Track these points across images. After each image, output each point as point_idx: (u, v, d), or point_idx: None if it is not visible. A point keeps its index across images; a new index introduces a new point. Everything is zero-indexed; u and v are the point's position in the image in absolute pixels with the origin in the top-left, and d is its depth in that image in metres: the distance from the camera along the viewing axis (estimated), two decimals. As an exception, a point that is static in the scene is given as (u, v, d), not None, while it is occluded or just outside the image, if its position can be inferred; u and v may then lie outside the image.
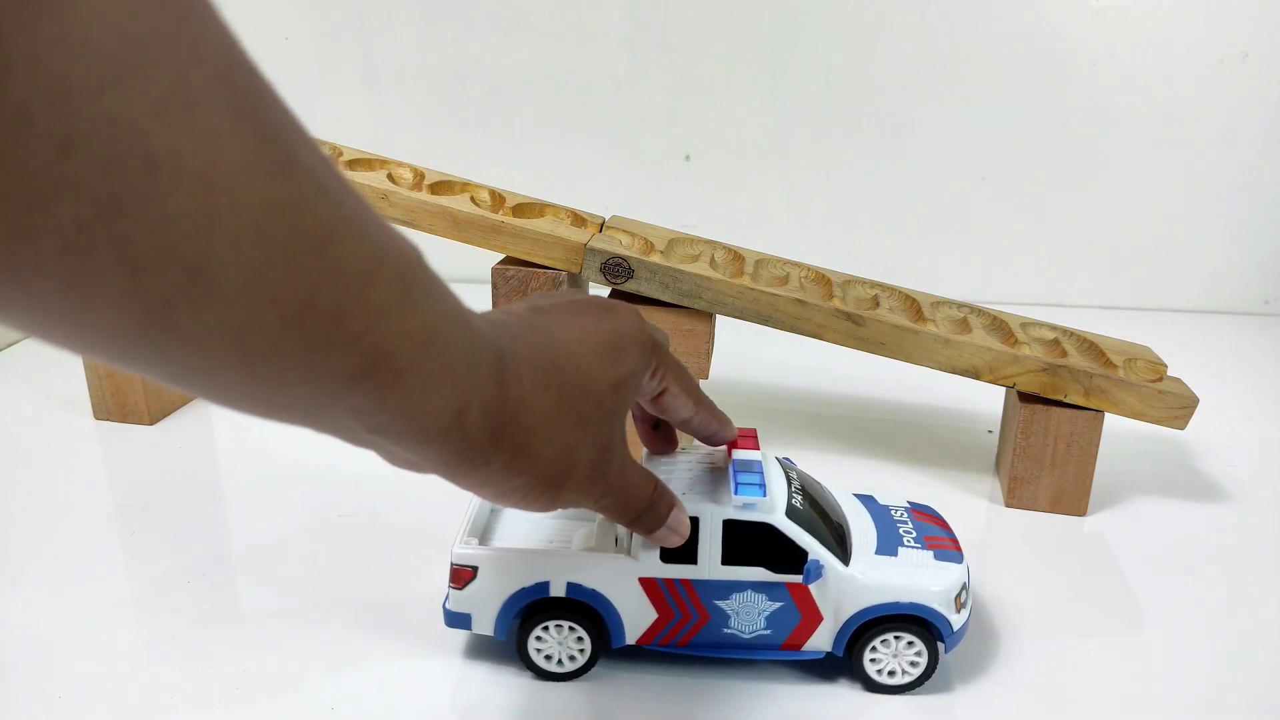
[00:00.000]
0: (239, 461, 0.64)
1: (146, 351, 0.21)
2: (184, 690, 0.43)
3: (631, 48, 0.95)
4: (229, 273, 0.20)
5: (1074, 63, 0.92)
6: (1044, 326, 0.62)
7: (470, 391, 0.28)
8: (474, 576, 0.43)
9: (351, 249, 0.23)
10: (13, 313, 0.19)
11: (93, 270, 0.19)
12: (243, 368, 0.22)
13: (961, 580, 0.43)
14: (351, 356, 0.24)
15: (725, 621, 0.42)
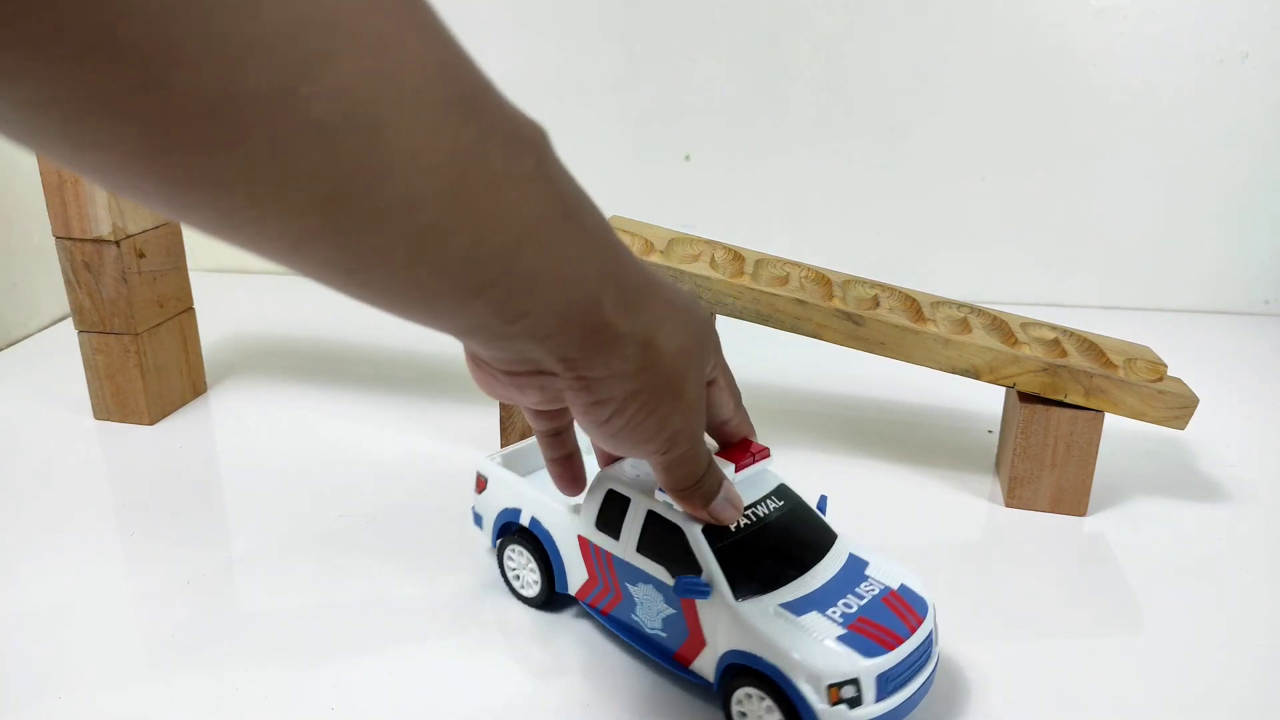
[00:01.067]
0: (239, 461, 0.64)
1: (324, 235, 0.21)
2: (184, 690, 0.43)
3: (631, 48, 0.95)
4: (401, 138, 0.21)
5: (1074, 63, 0.92)
6: (1044, 326, 0.62)
7: (609, 264, 0.29)
8: (485, 487, 0.50)
9: (493, 119, 0.24)
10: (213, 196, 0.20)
11: (284, 138, 0.19)
12: (412, 246, 0.23)
13: (854, 675, 0.36)
14: (508, 223, 0.25)
15: (633, 607, 0.44)
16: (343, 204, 0.21)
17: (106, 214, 0.63)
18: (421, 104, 0.21)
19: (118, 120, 0.17)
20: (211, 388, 0.75)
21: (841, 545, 0.44)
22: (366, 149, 0.20)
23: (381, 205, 0.21)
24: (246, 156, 0.19)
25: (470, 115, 0.23)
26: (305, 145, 0.19)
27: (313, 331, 0.89)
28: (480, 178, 0.23)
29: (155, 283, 0.67)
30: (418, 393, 0.75)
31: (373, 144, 0.20)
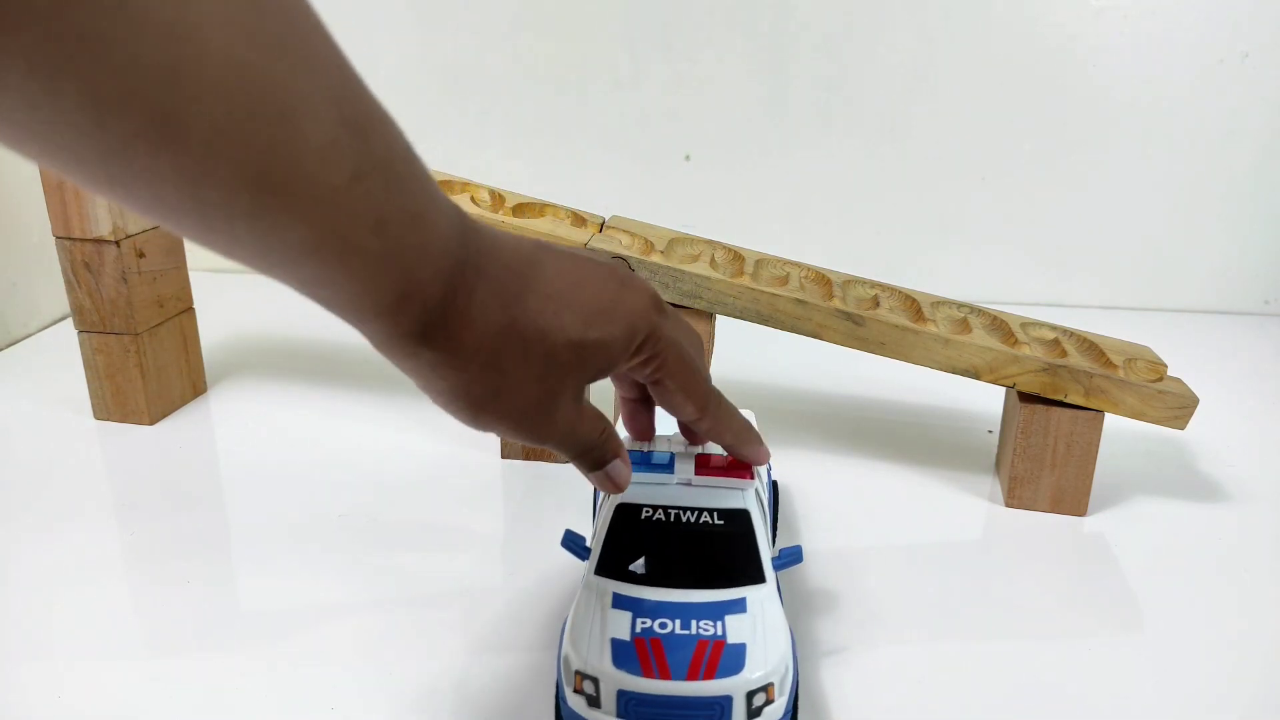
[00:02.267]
0: (239, 461, 0.64)
1: (109, 182, 0.22)
2: (184, 690, 0.43)
3: (631, 48, 0.95)
4: (191, 124, 0.21)
5: (1074, 63, 0.92)
6: (1044, 326, 0.62)
7: (412, 285, 0.28)
8: None
9: (313, 124, 0.23)
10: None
11: (57, 99, 0.19)
12: (197, 217, 0.23)
13: (595, 674, 0.36)
14: (298, 231, 0.24)
15: None
16: (123, 159, 0.21)
17: (106, 214, 0.63)
18: (222, 95, 0.21)
19: None
20: (211, 388, 0.75)
21: (761, 593, 0.40)
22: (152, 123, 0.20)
23: (163, 172, 0.22)
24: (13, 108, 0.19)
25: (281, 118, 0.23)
26: (80, 109, 0.20)
27: (313, 331, 0.89)
28: (276, 180, 0.23)
29: (155, 283, 0.67)
30: (417, 393, 0.75)
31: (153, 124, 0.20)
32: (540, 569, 0.52)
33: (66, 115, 0.19)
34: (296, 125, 0.23)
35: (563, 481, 0.62)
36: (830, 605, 0.50)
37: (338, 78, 0.24)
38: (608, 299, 0.34)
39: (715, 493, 0.42)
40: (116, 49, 0.19)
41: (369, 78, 0.27)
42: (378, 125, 0.26)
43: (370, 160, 0.25)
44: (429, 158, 0.29)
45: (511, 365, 0.32)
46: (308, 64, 0.23)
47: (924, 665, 0.45)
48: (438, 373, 0.32)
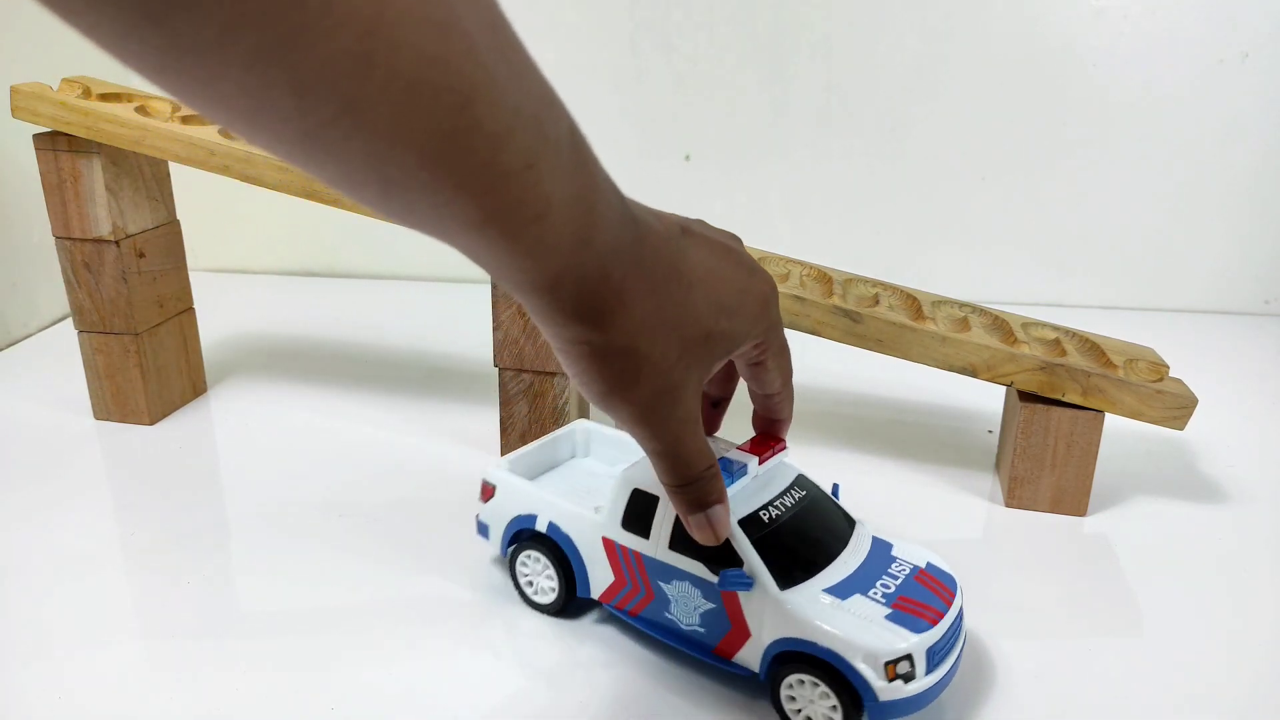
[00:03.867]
0: (239, 461, 0.64)
1: (305, 158, 0.24)
2: (184, 690, 0.43)
3: (631, 48, 0.95)
4: (379, 111, 0.22)
5: (1074, 63, 0.92)
6: (1045, 327, 0.62)
7: (571, 267, 0.30)
8: (493, 495, 0.49)
9: (490, 112, 0.25)
10: (204, 102, 0.22)
11: (266, 88, 0.21)
12: (380, 190, 0.25)
13: (907, 651, 0.38)
14: (471, 209, 0.26)
15: (667, 605, 0.43)
16: (318, 140, 0.23)
17: (106, 214, 0.63)
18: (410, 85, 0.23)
19: None
20: (211, 388, 0.75)
21: (862, 530, 0.45)
22: (346, 110, 0.22)
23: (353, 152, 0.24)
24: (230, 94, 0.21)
25: (462, 107, 0.24)
26: (285, 95, 0.22)
27: (313, 331, 0.89)
28: (453, 163, 0.25)
29: (155, 283, 0.67)
30: (418, 393, 0.75)
31: (346, 110, 0.22)
32: (540, 569, 0.53)
33: (274, 101, 0.22)
34: (475, 114, 0.24)
35: (562, 481, 0.62)
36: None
37: (519, 69, 0.26)
38: (739, 289, 0.36)
39: (776, 472, 0.45)
40: (320, 43, 0.21)
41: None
42: (552, 114, 0.28)
43: (542, 148, 0.27)
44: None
45: (651, 350, 0.33)
46: (491, 56, 0.25)
47: (924, 665, 0.45)
48: (583, 349, 0.33)
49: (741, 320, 0.37)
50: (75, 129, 0.61)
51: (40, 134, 0.62)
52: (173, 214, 0.69)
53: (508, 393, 0.63)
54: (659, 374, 0.34)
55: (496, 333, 0.61)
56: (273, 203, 0.74)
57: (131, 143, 0.61)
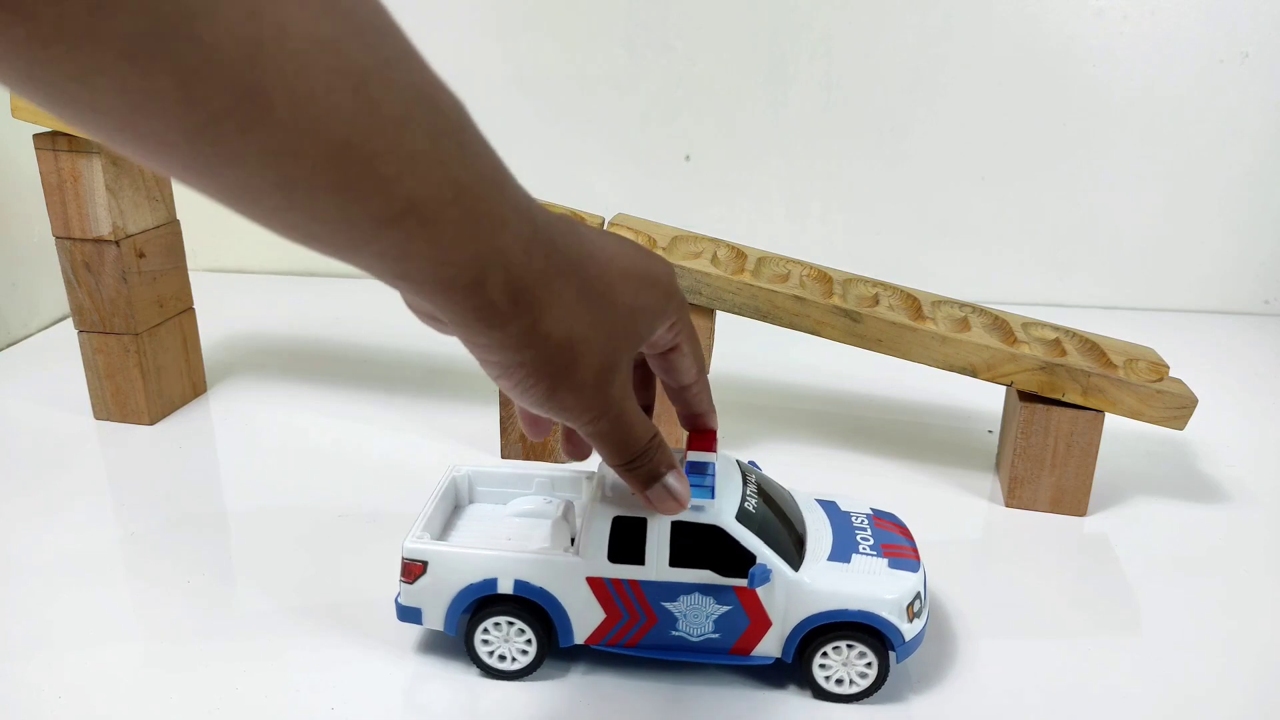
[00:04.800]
0: (239, 461, 0.64)
1: (196, 164, 0.22)
2: (184, 690, 0.43)
3: (631, 48, 0.95)
4: (273, 99, 0.21)
5: (1074, 63, 0.92)
6: (1046, 327, 0.62)
7: (496, 252, 0.29)
8: (424, 571, 0.43)
9: (387, 93, 0.24)
10: (78, 111, 0.21)
11: (149, 78, 0.20)
12: (281, 195, 0.24)
13: (915, 589, 0.42)
14: (381, 200, 0.25)
15: (673, 624, 0.42)
16: (211, 144, 0.22)
17: (106, 214, 0.63)
18: (301, 72, 0.22)
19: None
20: (211, 388, 0.75)
21: (800, 495, 0.48)
22: (231, 104, 0.21)
23: (249, 153, 0.22)
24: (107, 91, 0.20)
25: (356, 89, 0.23)
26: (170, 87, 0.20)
27: (313, 331, 0.89)
28: (358, 150, 0.24)
29: (155, 283, 0.67)
30: (417, 393, 0.75)
31: (239, 100, 0.21)
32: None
33: (157, 97, 0.20)
34: (371, 96, 0.23)
35: (562, 481, 0.62)
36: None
37: (404, 50, 0.25)
38: (644, 268, 0.36)
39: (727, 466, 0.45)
40: (203, 27, 0.20)
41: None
42: (442, 95, 0.27)
43: (443, 127, 0.26)
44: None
45: (586, 332, 0.33)
46: (376, 36, 0.24)
47: (924, 664, 0.45)
48: (522, 342, 0.31)
49: (656, 296, 0.36)
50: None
51: (40, 134, 0.62)
52: (173, 214, 0.69)
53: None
54: (595, 354, 0.33)
55: (496, 333, 0.61)
56: (273, 203, 0.73)
57: (131, 143, 0.61)
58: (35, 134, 0.62)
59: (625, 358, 0.35)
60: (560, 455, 0.63)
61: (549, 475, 0.50)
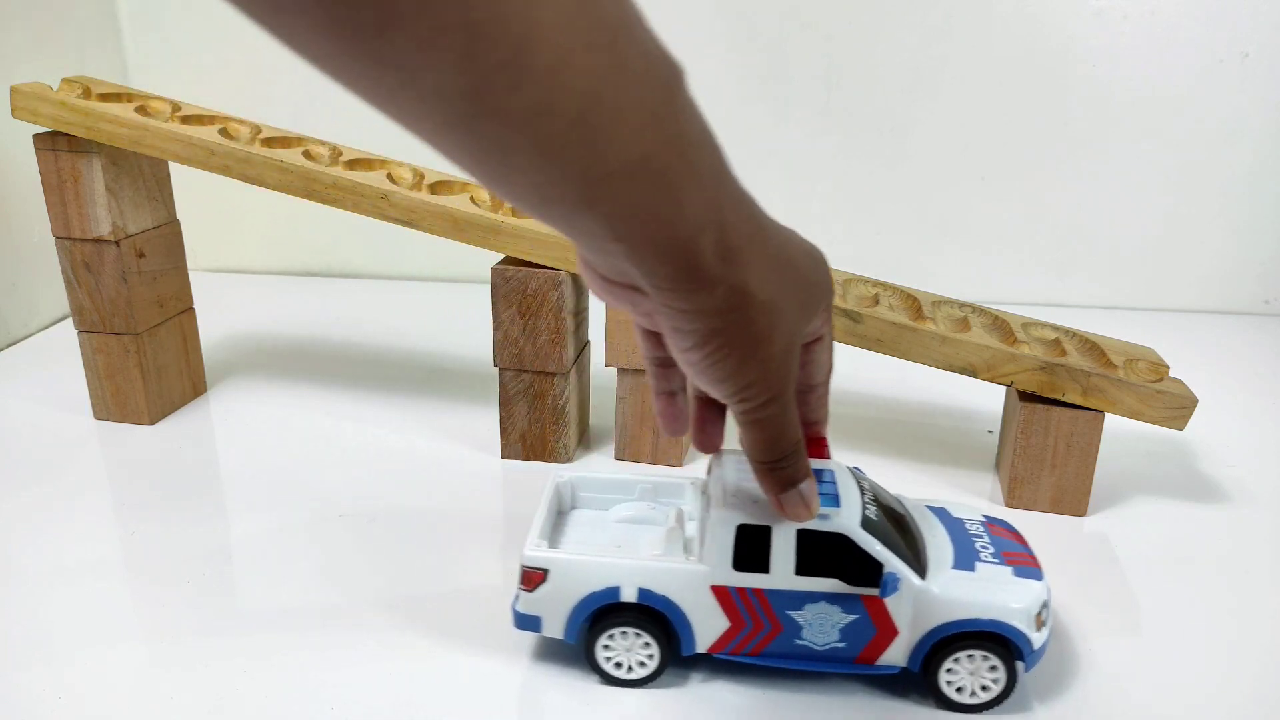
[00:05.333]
0: (239, 461, 0.64)
1: (461, 124, 0.24)
2: (184, 690, 0.43)
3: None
4: (541, 53, 0.23)
5: (1074, 63, 0.92)
6: (1046, 327, 0.62)
7: (714, 208, 0.29)
8: (544, 579, 0.43)
9: (632, 49, 0.25)
10: (368, 69, 0.23)
11: (439, 32, 0.22)
12: (531, 153, 0.25)
13: (1043, 598, 0.42)
14: (619, 155, 0.26)
15: (798, 633, 0.42)
16: (480, 100, 0.23)
17: (106, 214, 0.63)
18: (565, 26, 0.23)
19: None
20: (211, 388, 0.75)
21: (912, 503, 0.47)
22: (509, 57, 0.22)
23: (513, 109, 0.23)
24: (404, 40, 0.22)
25: (609, 46, 0.24)
26: (455, 41, 0.22)
27: (313, 331, 0.89)
28: (607, 104, 0.25)
29: (155, 283, 0.67)
30: (417, 393, 0.75)
31: (515, 53, 0.22)
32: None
33: (443, 52, 0.22)
34: (620, 51, 0.25)
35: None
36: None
37: (637, 8, 0.26)
38: (809, 244, 0.36)
39: (839, 473, 0.44)
40: None
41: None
42: (667, 53, 0.28)
43: (674, 83, 0.27)
44: (429, 158, 0.29)
45: (781, 300, 0.33)
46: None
47: (924, 665, 0.45)
48: (728, 305, 0.31)
49: (823, 274, 0.36)
50: (75, 129, 0.61)
51: (40, 134, 0.62)
52: (173, 214, 0.69)
53: (508, 393, 0.63)
54: (786, 325, 0.33)
55: (496, 333, 0.61)
56: (273, 203, 0.73)
57: (131, 142, 0.61)
58: (35, 134, 0.62)
59: (800, 336, 0.35)
60: (561, 457, 0.63)
61: (652, 482, 0.49)
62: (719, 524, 0.41)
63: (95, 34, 0.96)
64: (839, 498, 0.41)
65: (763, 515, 0.40)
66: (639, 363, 0.61)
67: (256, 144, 0.62)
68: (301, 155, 0.62)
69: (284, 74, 0.99)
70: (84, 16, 0.94)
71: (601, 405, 0.70)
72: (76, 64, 0.93)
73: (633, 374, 0.62)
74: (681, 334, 0.32)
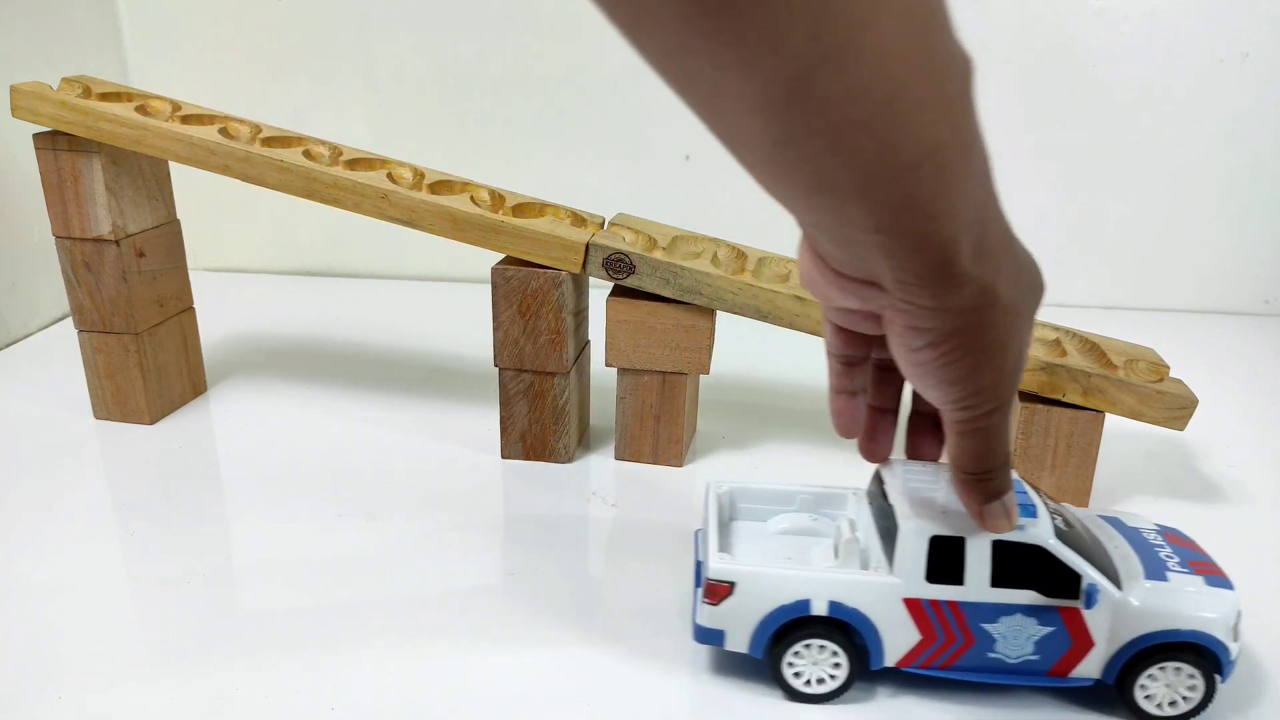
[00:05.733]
0: (239, 461, 0.64)
1: (772, 109, 0.24)
2: (184, 690, 0.43)
3: (632, 48, 0.95)
4: (873, 37, 0.23)
5: (1074, 63, 0.92)
6: (1046, 327, 0.62)
7: (981, 207, 0.29)
8: (730, 592, 0.42)
9: (940, 39, 0.25)
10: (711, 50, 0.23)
11: (794, 11, 0.22)
12: (835, 137, 0.25)
13: (1237, 607, 0.41)
14: (912, 145, 0.26)
15: (990, 645, 0.41)
16: (804, 82, 0.23)
17: (106, 213, 0.63)
18: (898, 11, 0.23)
19: None
20: (211, 388, 0.75)
21: (1084, 513, 0.46)
22: (845, 38, 0.23)
23: (831, 94, 0.24)
24: (762, 15, 0.22)
25: (923, 33, 0.24)
26: (804, 20, 0.22)
27: (313, 331, 0.89)
28: (911, 94, 0.25)
29: (155, 282, 0.67)
30: (417, 393, 0.75)
31: (851, 35, 0.23)
32: (540, 568, 0.52)
33: (775, 38, 0.22)
34: (930, 40, 0.25)
35: (562, 481, 0.62)
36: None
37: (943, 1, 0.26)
38: (1030, 268, 0.35)
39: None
40: None
41: (370, 78, 0.27)
42: (960, 44, 0.27)
43: (968, 75, 0.27)
44: (430, 158, 0.29)
45: (1021, 306, 0.32)
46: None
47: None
48: (971, 306, 0.31)
49: (1043, 282, 0.35)
50: (75, 128, 0.61)
51: (40, 133, 0.62)
52: (173, 213, 0.69)
53: (508, 393, 0.63)
54: (1021, 332, 0.33)
55: (496, 333, 0.61)
56: (273, 203, 0.73)
57: (132, 142, 0.61)
58: (35, 134, 0.62)
59: (1029, 345, 0.34)
60: (561, 457, 0.63)
61: (813, 492, 0.49)
62: (911, 536, 0.40)
63: (95, 34, 0.96)
64: (1034, 508, 0.41)
65: (955, 526, 0.40)
66: (639, 363, 0.61)
67: (257, 143, 0.62)
68: (302, 155, 0.62)
69: (284, 74, 0.99)
70: (84, 16, 0.94)
71: (602, 405, 0.70)
72: (76, 64, 0.93)
73: (633, 374, 0.62)
74: (917, 332, 0.32)
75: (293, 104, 0.98)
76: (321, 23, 0.96)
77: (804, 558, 0.45)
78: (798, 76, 0.23)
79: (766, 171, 0.27)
